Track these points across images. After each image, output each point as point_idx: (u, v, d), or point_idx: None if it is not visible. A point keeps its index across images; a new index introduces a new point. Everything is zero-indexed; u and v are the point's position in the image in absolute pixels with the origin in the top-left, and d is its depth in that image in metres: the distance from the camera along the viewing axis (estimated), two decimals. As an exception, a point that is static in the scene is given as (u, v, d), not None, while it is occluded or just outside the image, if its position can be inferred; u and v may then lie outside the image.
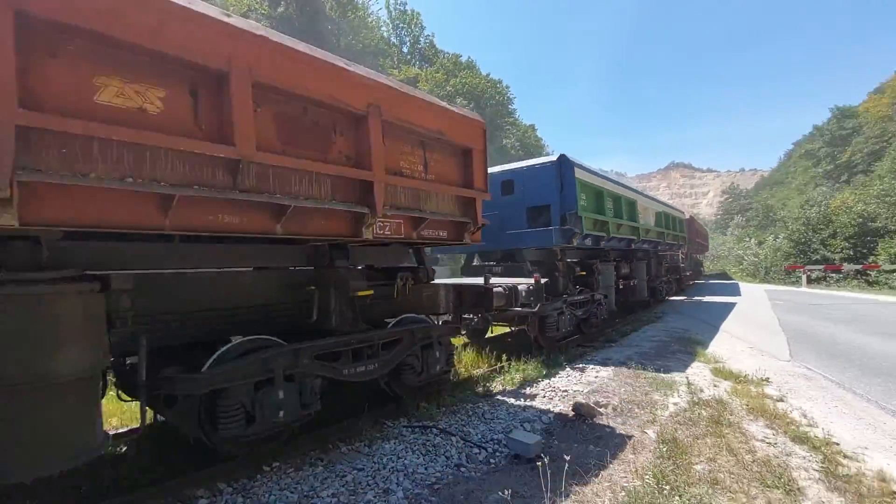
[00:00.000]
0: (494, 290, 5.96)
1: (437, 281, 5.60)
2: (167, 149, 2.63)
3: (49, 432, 2.51)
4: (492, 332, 8.14)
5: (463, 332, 7.76)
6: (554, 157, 7.62)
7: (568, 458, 3.31)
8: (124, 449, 3.84)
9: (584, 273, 8.99)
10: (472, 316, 6.81)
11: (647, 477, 3.37)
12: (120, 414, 4.85)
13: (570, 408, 4.86)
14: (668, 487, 3.21)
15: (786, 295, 19.58)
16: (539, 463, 3.22)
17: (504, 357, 6.77)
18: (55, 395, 2.51)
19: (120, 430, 4.34)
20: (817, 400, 5.42)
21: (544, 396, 5.47)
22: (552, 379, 6.14)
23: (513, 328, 8.61)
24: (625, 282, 11.98)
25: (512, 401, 5.27)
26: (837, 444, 4.11)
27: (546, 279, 7.55)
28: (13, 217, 2.18)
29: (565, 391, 5.64)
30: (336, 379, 4.01)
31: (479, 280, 6.50)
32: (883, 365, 6.89)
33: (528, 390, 5.69)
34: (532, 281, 6.78)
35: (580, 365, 6.84)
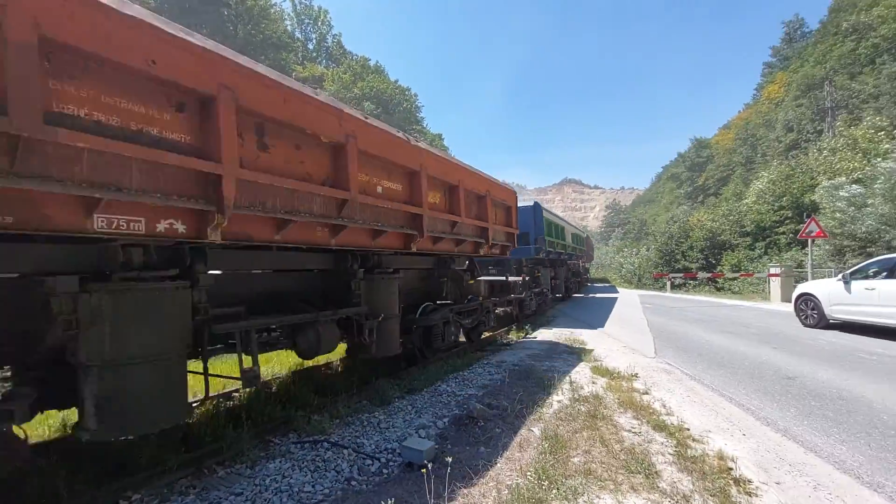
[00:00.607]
0: (511, 283, 10.79)
1: (480, 278, 10.24)
2: (439, 218, 6.97)
3: (389, 337, 6.66)
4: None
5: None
6: (532, 203, 12.78)
7: (458, 461, 3.71)
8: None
9: (539, 275, 14.22)
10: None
11: (530, 473, 3.70)
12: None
13: (465, 411, 5.38)
14: (547, 482, 3.53)
15: (655, 299, 22.84)
16: (423, 470, 3.43)
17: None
18: (395, 322, 6.67)
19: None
20: (674, 391, 6.26)
21: (439, 401, 5.91)
22: (448, 384, 6.70)
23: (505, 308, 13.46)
24: (553, 281, 17.64)
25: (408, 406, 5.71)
26: (688, 430, 4.73)
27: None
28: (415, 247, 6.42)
29: (459, 395, 6.14)
30: (461, 323, 8.45)
31: (497, 277, 11.31)
32: (724, 358, 8.43)
33: (417, 397, 6.14)
34: (520, 278, 11.71)
35: (478, 368, 7.71)
